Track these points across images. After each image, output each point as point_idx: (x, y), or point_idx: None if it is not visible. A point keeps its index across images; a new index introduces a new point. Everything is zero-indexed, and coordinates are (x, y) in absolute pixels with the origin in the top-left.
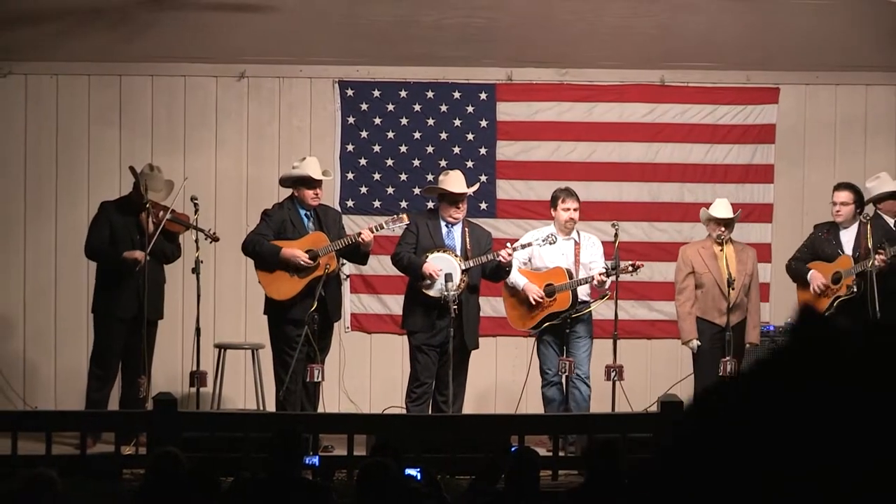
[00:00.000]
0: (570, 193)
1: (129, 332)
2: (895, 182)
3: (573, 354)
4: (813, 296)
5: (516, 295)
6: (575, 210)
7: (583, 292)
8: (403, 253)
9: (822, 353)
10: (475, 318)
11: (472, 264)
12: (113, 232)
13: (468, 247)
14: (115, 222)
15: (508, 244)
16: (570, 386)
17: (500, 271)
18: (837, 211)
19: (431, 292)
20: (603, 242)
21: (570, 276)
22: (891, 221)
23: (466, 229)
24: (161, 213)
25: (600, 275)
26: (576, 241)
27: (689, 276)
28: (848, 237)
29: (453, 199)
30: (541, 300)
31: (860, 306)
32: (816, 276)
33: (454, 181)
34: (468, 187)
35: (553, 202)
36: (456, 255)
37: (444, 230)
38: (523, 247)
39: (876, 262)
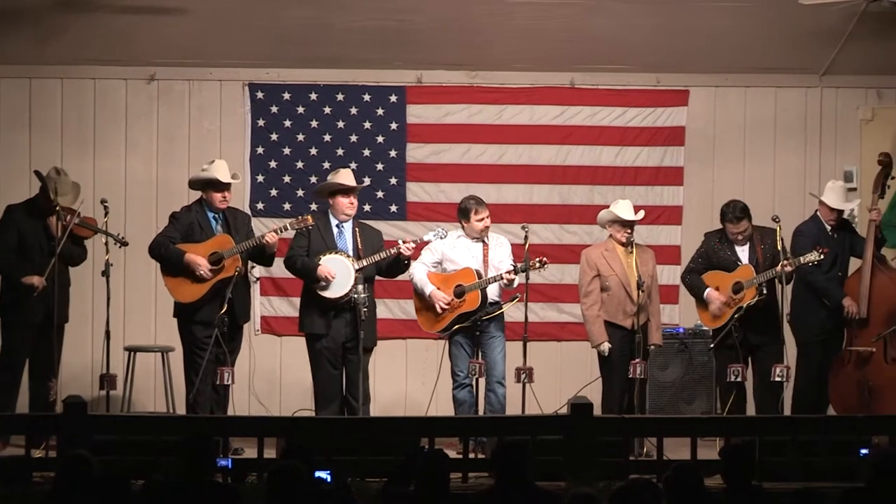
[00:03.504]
0: (480, 203)
1: (37, 336)
2: (841, 196)
3: (487, 355)
4: (711, 317)
5: (425, 298)
6: (488, 217)
7: (493, 293)
8: (296, 256)
9: None
10: (371, 317)
11: (365, 263)
12: (21, 237)
13: (360, 246)
14: (22, 227)
15: (401, 241)
16: (487, 389)
17: (397, 266)
18: (741, 240)
19: (327, 294)
20: (513, 245)
21: (479, 277)
22: (827, 227)
23: (357, 229)
24: (69, 216)
25: (508, 272)
26: (484, 242)
27: (594, 279)
28: (743, 247)
29: (346, 192)
30: (447, 307)
31: (765, 312)
32: (713, 298)
33: (345, 176)
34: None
35: (465, 214)
36: (349, 256)
37: (336, 231)
38: (415, 243)
39: (787, 268)
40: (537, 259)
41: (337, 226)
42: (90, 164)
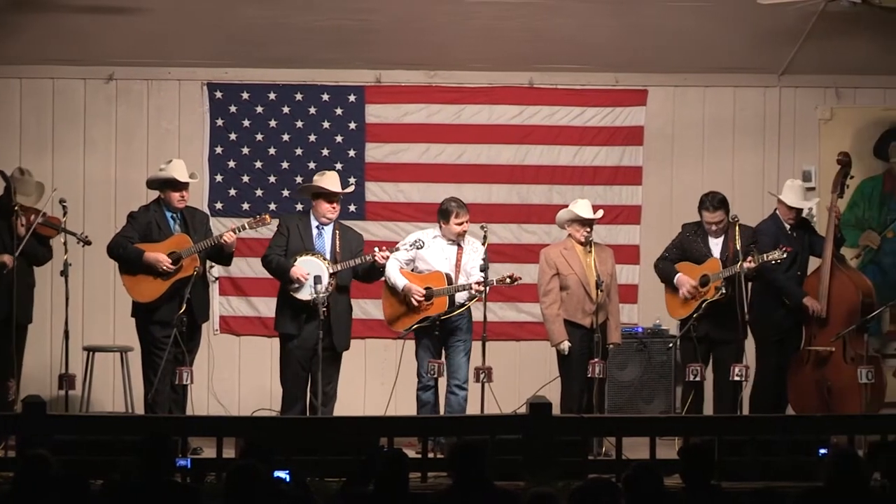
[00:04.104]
0: (461, 206)
1: None
2: (800, 195)
3: (451, 358)
4: (681, 300)
5: (396, 295)
6: (467, 222)
7: (461, 297)
8: (272, 255)
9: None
10: (345, 319)
11: (339, 268)
12: None
13: (338, 250)
14: None
15: (377, 248)
16: (448, 391)
17: (373, 272)
18: (714, 231)
19: (299, 295)
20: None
21: (450, 282)
22: (787, 226)
23: (338, 231)
24: (32, 216)
25: (477, 283)
26: (459, 245)
27: (553, 277)
28: (716, 240)
29: (329, 197)
30: (421, 300)
31: (730, 309)
32: (684, 281)
33: (330, 180)
34: (342, 188)
35: (445, 215)
36: (324, 259)
37: (315, 232)
38: (392, 251)
39: (745, 266)
40: (507, 276)
41: (317, 227)
42: (48, 163)
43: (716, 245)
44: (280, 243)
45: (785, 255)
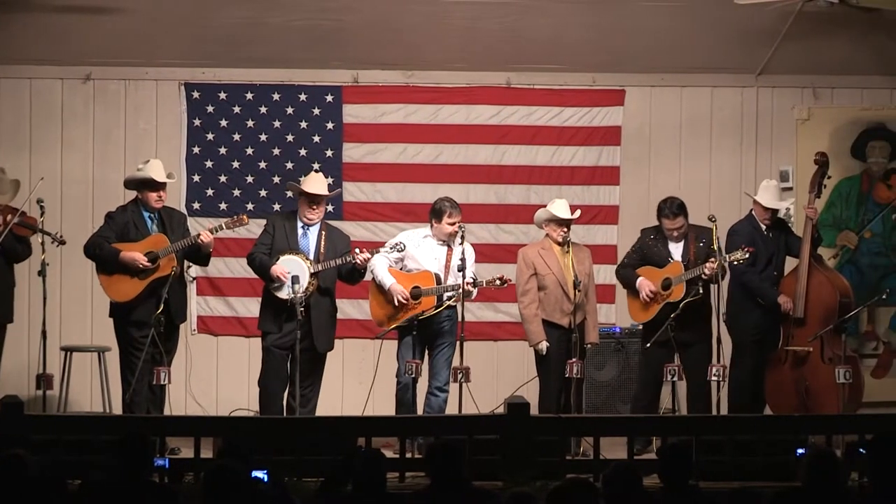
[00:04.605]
0: (454, 206)
1: None
2: (775, 195)
3: (435, 361)
4: (642, 304)
5: (383, 293)
6: (459, 223)
7: (447, 297)
8: (256, 254)
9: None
10: (326, 320)
11: (321, 268)
12: None
13: (322, 250)
14: None
15: (358, 250)
16: (428, 392)
17: (355, 274)
18: (675, 236)
19: (280, 294)
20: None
21: (438, 282)
22: (762, 226)
23: (324, 232)
24: (9, 215)
25: (467, 284)
26: (449, 246)
27: (531, 277)
28: (677, 244)
29: (310, 199)
30: (406, 301)
31: (697, 311)
32: (644, 284)
33: (312, 182)
34: (329, 191)
35: (437, 214)
36: (307, 259)
37: (300, 231)
38: (372, 254)
39: (706, 270)
40: (497, 277)
41: (303, 227)
42: (26, 163)
43: (676, 248)
44: (266, 241)
45: (748, 256)
